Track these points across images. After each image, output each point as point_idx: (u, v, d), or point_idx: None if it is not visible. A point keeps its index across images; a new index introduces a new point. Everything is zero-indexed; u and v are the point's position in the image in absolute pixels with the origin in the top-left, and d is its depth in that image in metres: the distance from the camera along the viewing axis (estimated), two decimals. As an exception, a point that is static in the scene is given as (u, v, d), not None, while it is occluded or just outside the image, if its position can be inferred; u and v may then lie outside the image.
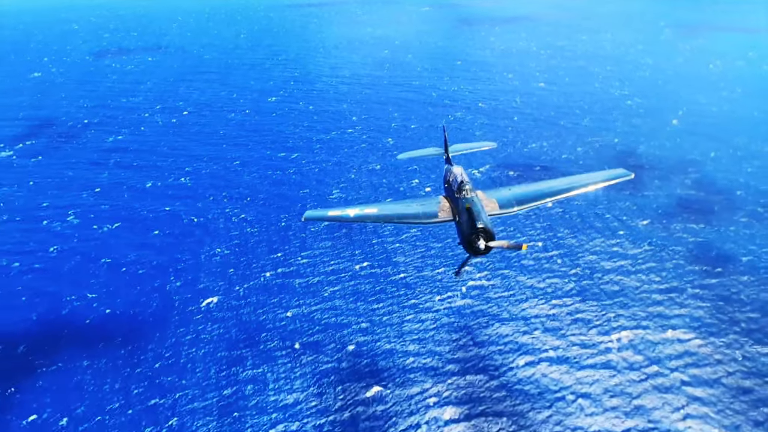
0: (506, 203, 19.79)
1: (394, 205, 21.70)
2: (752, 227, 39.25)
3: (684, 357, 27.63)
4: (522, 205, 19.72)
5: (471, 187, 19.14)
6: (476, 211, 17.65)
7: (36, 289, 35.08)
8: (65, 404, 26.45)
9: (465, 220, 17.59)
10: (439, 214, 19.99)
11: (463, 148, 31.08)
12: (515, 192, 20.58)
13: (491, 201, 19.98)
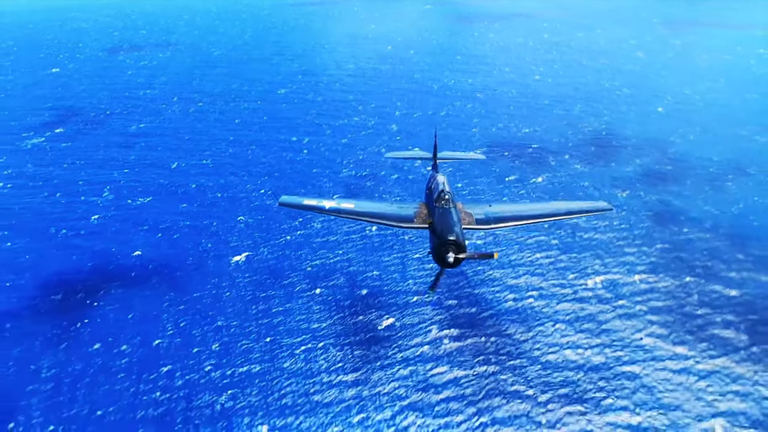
0: (484, 219, 20.07)
1: (370, 204, 22.33)
2: (712, 193, 45.00)
3: (646, 293, 33.28)
4: (499, 223, 19.98)
5: (450, 197, 19.28)
6: (450, 223, 17.67)
7: (85, 248, 40.75)
8: (124, 335, 32.01)
9: (438, 231, 17.61)
10: (415, 219, 20.35)
11: (451, 156, 31.87)
12: (495, 210, 20.86)
13: (469, 215, 20.23)
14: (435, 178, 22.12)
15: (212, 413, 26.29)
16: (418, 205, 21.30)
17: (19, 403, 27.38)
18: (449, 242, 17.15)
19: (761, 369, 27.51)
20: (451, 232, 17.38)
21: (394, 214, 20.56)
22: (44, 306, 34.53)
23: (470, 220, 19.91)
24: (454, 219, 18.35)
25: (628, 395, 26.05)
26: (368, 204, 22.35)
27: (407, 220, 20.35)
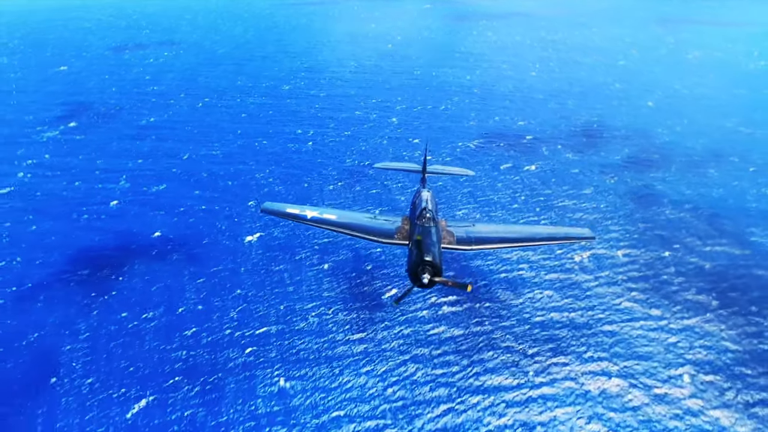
0: (465, 239, 19.88)
1: (353, 215, 21.95)
2: (694, 179, 48.63)
3: (627, 265, 36.83)
4: (480, 244, 19.78)
5: (432, 215, 19.16)
6: (428, 243, 17.54)
7: (107, 230, 44.21)
8: (149, 304, 35.40)
9: (415, 250, 17.57)
10: (396, 235, 20.28)
11: (440, 169, 31.65)
12: (478, 230, 20.77)
13: (450, 234, 20.17)
14: (420, 194, 21.93)
15: (234, 366, 29.73)
16: (402, 220, 21.02)
17: (59, 360, 30.79)
18: (425, 262, 16.95)
19: (727, 327, 31.02)
20: (428, 252, 17.22)
21: (376, 228, 20.26)
22: (74, 280, 37.95)
23: (451, 239, 19.62)
24: (433, 239, 18.17)
25: (606, 349, 29.54)
26: (351, 215, 22.00)
27: (388, 236, 20.00)
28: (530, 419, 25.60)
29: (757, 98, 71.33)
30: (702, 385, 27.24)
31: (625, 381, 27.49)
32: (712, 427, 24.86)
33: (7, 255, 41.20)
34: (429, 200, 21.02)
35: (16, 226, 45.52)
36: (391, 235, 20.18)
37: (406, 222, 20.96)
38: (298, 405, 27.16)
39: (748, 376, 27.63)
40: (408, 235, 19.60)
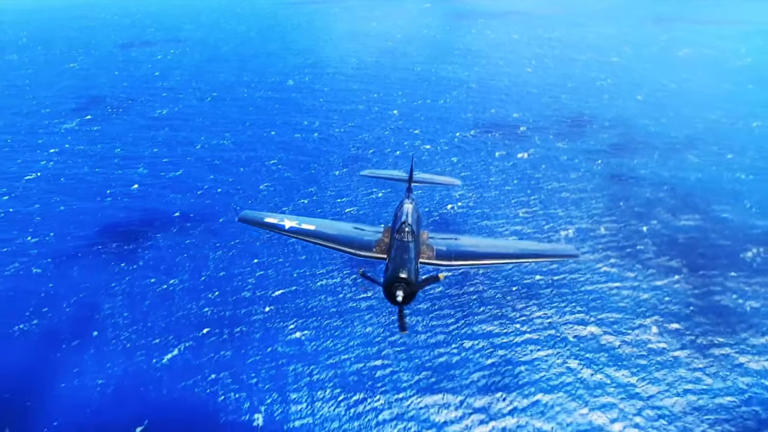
0: (445, 254, 19.32)
1: (333, 225, 21.69)
2: (675, 164, 53.31)
3: (608, 236, 41.43)
4: (460, 260, 19.28)
5: (411, 229, 18.57)
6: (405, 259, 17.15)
7: (132, 208, 48.68)
8: (175, 271, 39.80)
9: (391, 266, 17.16)
10: (374, 248, 19.58)
11: (427, 178, 31.66)
12: (460, 244, 20.21)
13: (430, 248, 19.65)
14: (402, 206, 21.65)
15: (256, 320, 34.17)
16: (382, 232, 20.68)
17: (100, 316, 35.20)
18: (400, 280, 16.56)
19: (692, 287, 35.54)
20: (403, 268, 16.85)
21: (354, 240, 20.03)
22: (104, 251, 42.37)
23: (430, 254, 19.42)
24: (411, 254, 17.80)
25: (584, 304, 34.05)
26: (331, 225, 21.77)
27: (366, 248, 19.67)
28: (514, 358, 30.06)
29: (740, 92, 76.01)
30: (666, 332, 31.73)
31: (599, 329, 31.99)
32: (673, 363, 29.33)
33: (40, 232, 45.62)
34: (410, 213, 20.27)
35: (45, 206, 49.95)
36: (370, 248, 19.58)
37: (387, 234, 20.24)
38: (313, 349, 31.60)
39: (707, 325, 32.14)
40: (386, 249, 19.05)
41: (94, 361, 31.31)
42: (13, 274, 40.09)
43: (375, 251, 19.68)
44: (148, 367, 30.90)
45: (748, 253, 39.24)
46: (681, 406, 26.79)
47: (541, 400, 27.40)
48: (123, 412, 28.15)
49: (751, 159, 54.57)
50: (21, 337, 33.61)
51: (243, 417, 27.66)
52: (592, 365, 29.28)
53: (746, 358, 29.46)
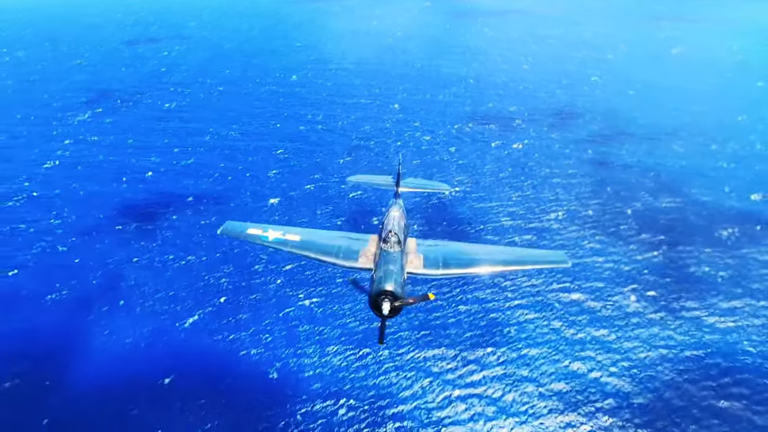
0: (433, 264, 19.27)
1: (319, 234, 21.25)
2: (660, 152, 56.95)
3: (594, 217, 44.99)
4: (448, 269, 19.15)
5: (398, 239, 18.49)
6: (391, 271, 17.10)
7: (149, 192, 52.17)
8: (191, 248, 43.27)
9: (376, 277, 17.18)
10: (360, 258, 19.36)
11: (415, 184, 31.00)
12: (448, 252, 20.07)
13: (418, 257, 19.47)
14: (389, 212, 21.40)
15: (269, 289, 37.70)
16: (369, 241, 20.47)
17: (124, 286, 38.67)
18: (386, 292, 16.54)
19: (670, 261, 39.12)
20: (389, 280, 16.81)
21: (342, 250, 19.86)
22: (124, 230, 45.85)
23: (418, 264, 19.22)
24: (397, 266, 17.74)
25: (570, 274, 37.60)
26: (317, 235, 21.43)
27: (351, 259, 19.54)
28: (504, 321, 33.59)
29: (728, 88, 79.69)
30: (643, 298, 35.27)
31: (583, 295, 35.54)
32: (647, 324, 32.88)
33: (62, 214, 49.08)
34: (397, 220, 20.14)
35: (66, 191, 53.41)
36: (355, 258, 19.45)
37: (374, 243, 20.05)
38: (321, 313, 35.12)
39: (680, 292, 35.70)
40: (372, 258, 19.10)
41: (122, 324, 34.79)
42: (40, 251, 43.55)
43: (362, 261, 19.38)
44: (172, 329, 34.38)
45: (723, 232, 42.81)
46: (652, 359, 30.33)
47: (527, 353, 30.91)
48: (152, 366, 31.61)
49: (732, 149, 58.20)
50: (53, 306, 37.07)
51: (260, 369, 31.14)
52: (574, 326, 32.81)
53: (713, 319, 33.01)
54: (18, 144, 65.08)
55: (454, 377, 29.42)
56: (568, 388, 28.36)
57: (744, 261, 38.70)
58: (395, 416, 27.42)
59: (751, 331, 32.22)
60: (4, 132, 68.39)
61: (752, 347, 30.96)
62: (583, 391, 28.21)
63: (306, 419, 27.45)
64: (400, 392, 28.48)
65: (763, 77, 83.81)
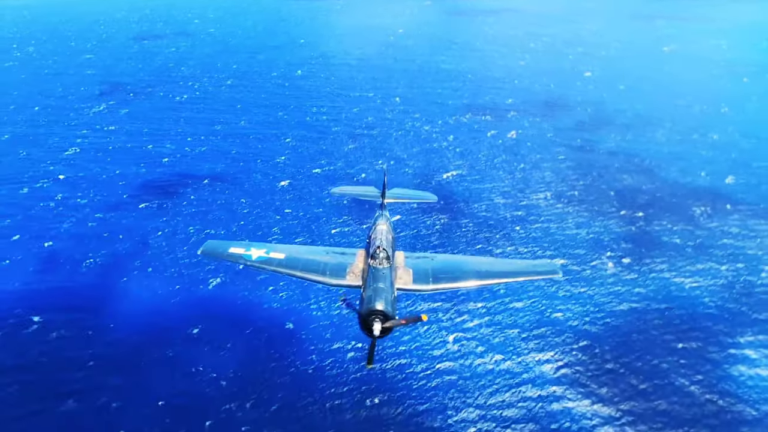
0: (423, 278, 19.37)
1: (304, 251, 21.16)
2: (645, 140, 61.84)
3: (579, 197, 49.76)
4: (438, 283, 19.28)
5: (387, 254, 18.50)
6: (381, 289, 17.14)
7: (166, 174, 56.92)
8: (208, 224, 47.97)
9: (366, 297, 17.09)
10: (348, 275, 19.33)
11: (401, 194, 30.63)
12: (437, 265, 20.14)
13: (407, 272, 19.50)
14: (375, 226, 21.29)
15: (283, 256, 42.35)
16: (357, 256, 20.43)
17: (150, 255, 43.33)
18: (377, 312, 16.44)
19: (645, 233, 43.91)
20: (379, 299, 16.73)
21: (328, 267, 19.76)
22: (146, 207, 50.55)
23: (407, 279, 19.22)
24: (387, 283, 17.72)
25: (554, 243, 42.37)
26: (302, 251, 21.40)
27: (338, 275, 19.41)
28: (495, 280, 38.29)
29: (715, 83, 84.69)
30: (619, 264, 40.07)
31: (566, 260, 40.32)
32: (620, 282, 37.66)
33: (88, 194, 53.75)
34: (384, 235, 20.09)
35: (89, 174, 58.08)
36: (343, 275, 19.36)
37: (361, 258, 19.93)
38: (331, 276, 39.80)
39: (652, 257, 40.52)
40: (361, 275, 18.98)
41: (153, 284, 39.50)
42: (71, 226, 48.21)
43: (350, 279, 19.18)
44: (198, 289, 39.09)
45: (696, 209, 47.63)
46: (623, 311, 35.11)
47: (513, 306, 35.65)
48: (181, 318, 36.28)
49: (712, 139, 63.10)
50: (89, 270, 41.74)
51: (278, 321, 35.83)
52: (555, 284, 37.56)
53: (680, 280, 37.84)
54: (39, 132, 69.76)
55: (448, 324, 34.14)
56: (547, 333, 33.10)
57: (711, 233, 43.53)
58: (397, 354, 32.13)
59: (712, 290, 36.99)
60: (26, 122, 73.12)
61: (712, 302, 35.73)
62: (561, 334, 32.95)
63: (320, 357, 32.17)
64: (402, 335, 33.18)
65: (747, 73, 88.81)
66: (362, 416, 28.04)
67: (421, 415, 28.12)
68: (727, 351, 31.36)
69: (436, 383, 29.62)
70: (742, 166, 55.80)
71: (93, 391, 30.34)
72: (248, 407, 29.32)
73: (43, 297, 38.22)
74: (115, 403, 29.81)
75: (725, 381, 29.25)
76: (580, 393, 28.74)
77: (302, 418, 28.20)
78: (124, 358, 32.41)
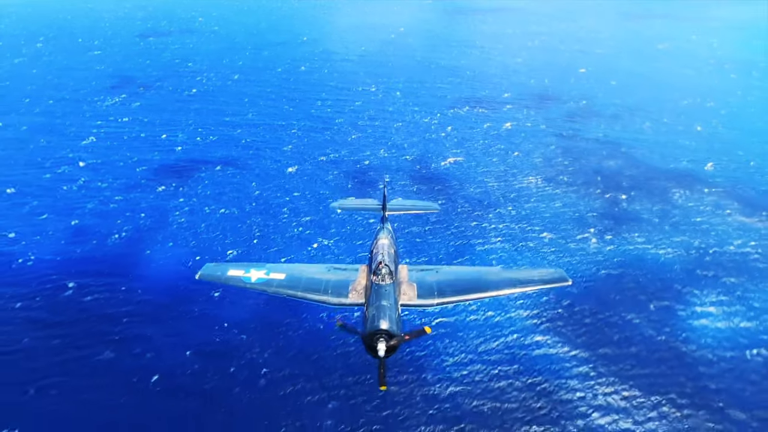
0: (427, 292, 18.87)
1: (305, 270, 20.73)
2: (631, 131, 66.39)
3: (567, 180, 54.21)
4: (444, 297, 18.75)
5: (389, 269, 18.12)
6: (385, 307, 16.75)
7: (180, 160, 61.29)
8: (223, 203, 52.31)
9: (369, 315, 16.75)
10: (350, 294, 18.82)
11: (403, 206, 30.12)
12: (442, 276, 19.65)
13: (411, 287, 19.07)
14: (377, 240, 21.05)
15: (292, 235, 46.81)
16: (359, 273, 20.13)
17: (170, 232, 47.67)
18: (381, 331, 16.17)
19: (626, 212, 48.35)
20: (383, 317, 16.47)
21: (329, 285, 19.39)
22: (165, 190, 54.92)
23: (411, 294, 18.93)
24: (390, 300, 17.43)
25: (542, 220, 46.77)
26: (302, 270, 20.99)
27: (340, 294, 19.05)
28: (483, 252, 42.73)
29: (704, 79, 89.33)
30: (601, 240, 44.49)
31: (551, 234, 44.78)
32: (601, 253, 42.09)
33: (108, 178, 58.10)
34: (386, 249, 19.94)
35: (107, 160, 62.44)
36: (345, 294, 19.04)
37: (364, 274, 19.75)
38: (337, 249, 44.21)
39: (632, 232, 45.00)
40: (364, 293, 18.75)
41: (176, 254, 43.94)
42: (94, 207, 52.55)
43: (353, 297, 18.93)
44: (217, 259, 43.39)
45: (676, 192, 52.12)
46: (601, 273, 39.58)
47: (504, 274, 40.04)
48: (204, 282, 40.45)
49: (696, 130, 67.65)
50: (115, 243, 46.09)
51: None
52: (540, 254, 42.01)
53: (654, 250, 42.33)
54: (56, 123, 74.13)
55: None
56: (533, 294, 37.53)
57: (687, 212, 48.05)
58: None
59: (684, 259, 41.46)
60: (42, 113, 77.52)
61: (682, 269, 40.18)
62: (545, 295, 37.35)
63: (330, 314, 36.52)
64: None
65: (735, 70, 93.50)
66: (367, 360, 32.37)
67: (420, 359, 32.49)
68: (693, 309, 35.78)
69: (433, 334, 33.98)
70: (722, 154, 60.33)
71: (128, 341, 34.71)
72: (267, 355, 33.69)
73: (76, 265, 42.59)
74: (149, 354, 34.13)
75: (689, 331, 33.66)
76: (560, 342, 33.13)
77: (315, 361, 32.57)
78: (154, 315, 36.77)
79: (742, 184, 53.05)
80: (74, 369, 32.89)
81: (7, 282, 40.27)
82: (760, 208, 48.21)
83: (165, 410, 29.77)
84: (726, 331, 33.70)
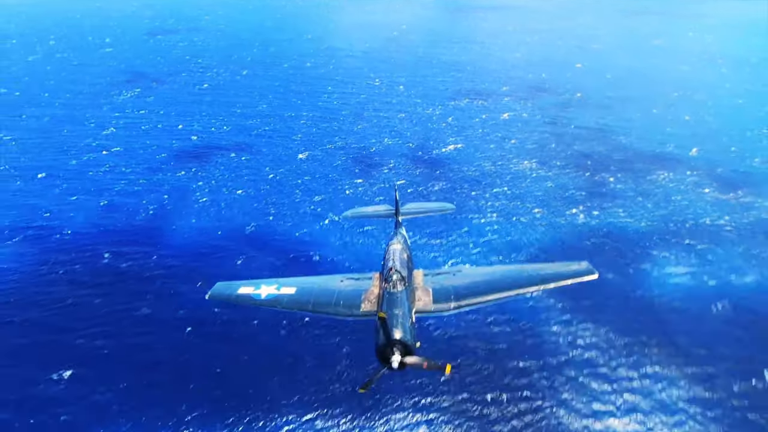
0: (443, 296, 18.37)
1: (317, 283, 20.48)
2: (622, 121, 71.28)
3: (558, 165, 59.10)
4: (461, 300, 18.10)
5: (400, 276, 17.75)
6: (398, 316, 16.29)
7: (197, 147, 66.32)
8: (238, 186, 57.28)
9: (381, 327, 16.01)
10: (363, 304, 18.40)
11: (416, 209, 29.28)
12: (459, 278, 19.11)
13: (426, 292, 18.57)
14: (390, 246, 20.84)
15: (305, 213, 51.70)
16: (372, 281, 19.67)
17: (193, 210, 52.62)
18: (395, 342, 15.70)
19: (611, 191, 53.20)
20: (396, 326, 16.04)
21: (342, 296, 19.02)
22: (186, 174, 59.91)
23: (426, 300, 18.37)
24: (403, 308, 17.04)
25: (533, 197, 51.67)
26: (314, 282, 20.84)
27: (352, 305, 18.58)
28: (474, 229, 47.58)
29: (695, 73, 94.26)
30: (589, 216, 49.33)
31: (541, 210, 49.64)
32: (585, 226, 46.96)
33: (130, 164, 63.11)
34: (397, 254, 19.72)
35: (128, 148, 67.53)
36: (357, 305, 18.60)
37: (377, 282, 19.31)
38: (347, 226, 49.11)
39: (615, 208, 49.83)
40: (377, 302, 18.20)
41: (200, 227, 48.86)
42: (120, 189, 57.50)
43: (365, 306, 18.45)
44: (238, 231, 48.38)
45: (661, 174, 56.92)
46: (585, 242, 44.41)
47: (486, 240, 44.93)
48: (227, 252, 45.49)
49: (684, 120, 72.52)
50: (143, 220, 50.99)
51: (306, 254, 45.03)
52: (532, 226, 46.86)
53: (630, 221, 47.16)
54: (76, 115, 79.32)
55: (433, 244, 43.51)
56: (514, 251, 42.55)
57: (668, 191, 52.88)
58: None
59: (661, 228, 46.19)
60: (62, 105, 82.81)
61: (658, 237, 44.97)
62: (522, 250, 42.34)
63: (342, 276, 41.37)
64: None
65: (727, 65, 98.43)
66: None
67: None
68: (666, 270, 40.55)
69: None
70: (706, 140, 65.14)
71: (164, 298, 39.61)
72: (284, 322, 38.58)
73: (110, 237, 47.57)
74: (182, 310, 39.02)
75: (661, 287, 38.45)
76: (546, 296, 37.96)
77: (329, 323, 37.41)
78: (185, 276, 41.70)
79: (722, 166, 57.86)
80: (116, 320, 37.75)
81: (50, 249, 45.34)
82: (736, 186, 53.02)
83: (199, 353, 34.65)
84: (694, 288, 38.47)
